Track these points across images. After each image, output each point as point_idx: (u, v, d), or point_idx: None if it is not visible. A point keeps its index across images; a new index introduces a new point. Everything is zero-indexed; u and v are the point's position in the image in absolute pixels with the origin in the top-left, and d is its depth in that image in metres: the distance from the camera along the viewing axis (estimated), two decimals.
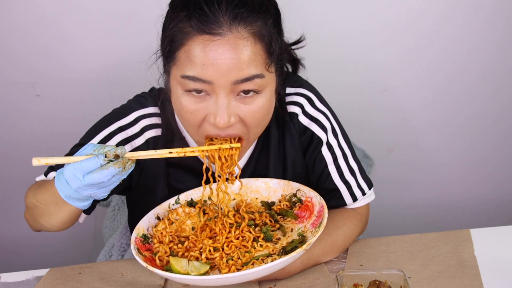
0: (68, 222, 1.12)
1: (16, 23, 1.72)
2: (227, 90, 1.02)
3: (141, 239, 1.07)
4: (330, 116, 1.26)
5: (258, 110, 1.06)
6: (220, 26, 0.99)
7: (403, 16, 1.84)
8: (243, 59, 1.00)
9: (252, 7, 1.02)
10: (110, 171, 0.94)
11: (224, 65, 0.99)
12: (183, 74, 1.02)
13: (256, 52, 1.02)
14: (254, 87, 1.03)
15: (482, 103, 1.97)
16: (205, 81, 1.01)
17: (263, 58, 1.03)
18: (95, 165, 0.94)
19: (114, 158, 0.96)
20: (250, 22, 1.01)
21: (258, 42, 1.02)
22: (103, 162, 0.94)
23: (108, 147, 0.96)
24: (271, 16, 1.06)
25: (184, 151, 1.02)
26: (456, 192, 2.10)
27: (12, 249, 2.01)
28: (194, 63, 1.00)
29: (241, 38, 1.00)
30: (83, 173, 0.95)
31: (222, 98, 1.02)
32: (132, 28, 1.75)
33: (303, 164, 1.26)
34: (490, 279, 1.07)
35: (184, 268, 0.99)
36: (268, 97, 1.07)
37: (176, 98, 1.07)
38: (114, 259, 1.49)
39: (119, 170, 0.95)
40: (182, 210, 1.16)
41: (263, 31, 1.03)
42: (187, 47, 1.01)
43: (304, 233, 1.08)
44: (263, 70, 1.03)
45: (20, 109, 1.82)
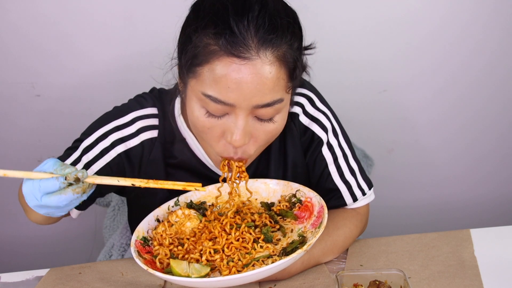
0: (49, 221, 1.13)
1: (16, 24, 1.72)
2: (247, 112, 1.00)
3: (141, 242, 1.07)
4: (330, 116, 1.26)
5: (272, 130, 1.06)
6: (248, 50, 0.96)
7: (403, 17, 1.84)
8: (267, 85, 0.98)
9: (281, 31, 0.99)
10: (68, 196, 0.93)
11: (248, 89, 0.97)
12: (205, 93, 0.99)
13: (279, 77, 1.00)
14: (272, 112, 1.02)
15: (482, 103, 1.97)
16: (227, 103, 0.99)
17: (285, 81, 1.01)
18: (54, 187, 0.93)
19: (74, 182, 0.93)
20: (277, 46, 0.98)
21: (282, 66, 1.00)
22: (62, 185, 0.93)
23: (69, 169, 0.94)
24: (297, 38, 1.03)
25: (148, 184, 1.00)
26: (456, 192, 2.10)
27: (12, 249, 2.01)
28: (218, 84, 0.97)
29: (268, 63, 0.97)
30: (41, 193, 0.94)
31: (241, 119, 1.00)
32: (132, 29, 1.75)
33: (303, 164, 1.26)
34: (490, 279, 1.07)
35: (184, 271, 0.99)
36: (283, 117, 1.07)
37: (192, 111, 1.05)
38: (114, 259, 1.49)
39: (78, 196, 0.94)
40: (182, 212, 1.16)
41: (287, 55, 1.00)
42: (212, 66, 0.98)
43: (304, 233, 1.08)
44: (283, 94, 1.02)
45: (20, 109, 1.82)
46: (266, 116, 1.03)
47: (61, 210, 0.98)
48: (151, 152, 1.20)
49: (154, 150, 1.20)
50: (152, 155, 1.20)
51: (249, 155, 1.08)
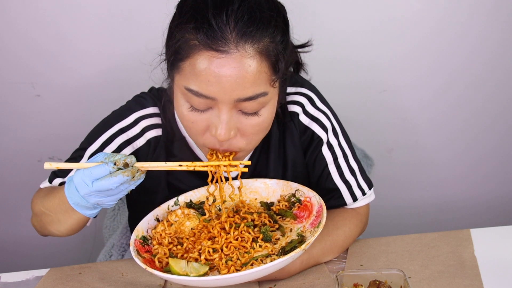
0: (76, 229, 1.13)
1: (16, 24, 1.72)
2: (230, 105, 1.01)
3: (140, 241, 1.07)
4: (330, 116, 1.26)
5: (258, 124, 1.06)
6: (227, 43, 0.97)
7: (403, 17, 1.84)
8: (247, 78, 0.98)
9: (261, 24, 1.00)
10: (118, 178, 0.95)
11: (228, 83, 0.98)
12: (187, 87, 1.01)
13: (261, 70, 1.00)
14: (257, 105, 1.02)
15: (482, 103, 1.97)
16: (208, 97, 1.00)
17: (267, 75, 1.01)
18: (104, 172, 0.95)
19: (124, 167, 0.96)
20: (257, 39, 0.99)
21: (264, 60, 1.00)
22: (112, 169, 0.95)
23: (119, 156, 0.96)
24: (280, 31, 1.03)
25: (194, 165, 1.03)
26: (456, 192, 2.10)
27: (12, 249, 2.01)
28: (198, 78, 0.99)
29: (247, 56, 0.98)
30: (92, 179, 0.96)
31: (224, 113, 1.01)
32: (131, 29, 1.75)
33: (303, 163, 1.26)
34: (490, 279, 1.07)
35: (183, 269, 0.99)
36: (270, 110, 1.07)
37: (178, 105, 1.07)
38: (114, 259, 1.49)
39: (127, 178, 0.95)
40: (181, 212, 1.16)
41: (269, 48, 1.00)
42: (192, 60, 0.99)
43: (303, 233, 1.08)
44: (267, 88, 1.02)
45: (20, 110, 1.82)
46: (251, 109, 1.03)
47: (112, 197, 0.99)
48: (155, 151, 1.21)
49: (158, 149, 1.21)
50: (156, 154, 1.21)
51: (238, 148, 1.08)
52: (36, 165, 1.87)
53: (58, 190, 1.08)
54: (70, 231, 1.13)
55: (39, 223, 1.17)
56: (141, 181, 0.99)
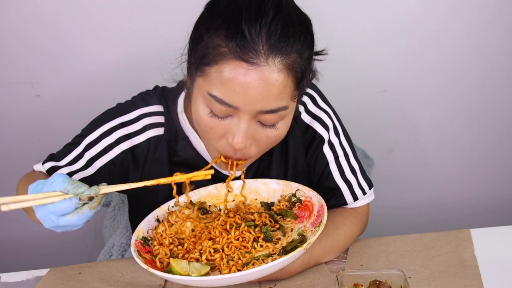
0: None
1: (16, 23, 1.72)
2: (250, 116, 1.01)
3: (141, 242, 1.07)
4: (332, 115, 1.26)
5: (274, 136, 1.06)
6: (258, 56, 0.96)
7: (403, 17, 1.84)
8: (273, 92, 0.98)
9: (292, 39, 0.99)
10: (85, 214, 0.93)
11: (253, 94, 0.97)
12: (211, 93, 1.00)
13: (286, 85, 1.00)
14: (276, 118, 1.03)
15: (482, 104, 1.97)
16: (231, 105, 0.99)
17: (291, 89, 1.01)
18: (69, 208, 0.92)
19: (88, 200, 0.93)
20: (287, 54, 0.98)
21: (290, 75, 1.00)
22: (78, 205, 0.93)
23: (81, 189, 0.93)
24: (308, 47, 1.03)
25: (157, 182, 1.00)
26: (456, 192, 2.10)
27: (12, 249, 2.01)
28: (224, 85, 0.98)
29: (275, 71, 0.97)
30: (57, 215, 0.93)
31: (244, 122, 1.01)
32: (132, 28, 1.75)
33: (304, 162, 1.26)
34: (490, 279, 1.07)
35: (184, 270, 0.99)
36: (287, 124, 1.07)
37: (197, 109, 1.05)
38: (114, 259, 1.49)
39: (96, 210, 0.94)
40: (182, 212, 1.16)
41: (296, 63, 1.00)
42: (220, 68, 0.98)
43: (304, 232, 1.08)
44: (288, 102, 1.02)
45: (20, 109, 1.82)
46: (270, 122, 1.03)
47: (79, 223, 0.96)
48: (156, 150, 1.20)
49: (159, 148, 1.20)
50: (158, 153, 1.20)
51: (249, 156, 1.08)
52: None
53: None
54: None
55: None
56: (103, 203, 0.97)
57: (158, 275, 0.96)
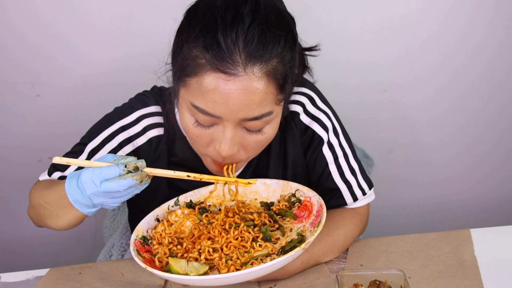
0: (74, 224, 1.12)
1: (16, 24, 1.72)
2: (234, 124, 1.02)
3: (140, 241, 1.07)
4: (331, 116, 1.26)
5: (261, 140, 1.07)
6: (235, 66, 0.96)
7: (404, 17, 1.84)
8: (254, 100, 0.98)
9: (271, 45, 0.98)
10: (127, 181, 0.94)
11: (234, 104, 0.98)
12: (193, 103, 1.01)
13: (268, 91, 0.99)
14: (261, 124, 1.03)
15: (482, 103, 1.97)
16: (213, 115, 1.00)
17: (274, 95, 1.01)
18: (114, 173, 0.94)
19: (134, 170, 0.96)
20: (266, 61, 0.98)
21: (271, 81, 0.99)
22: (122, 172, 0.94)
23: (129, 158, 0.96)
24: (288, 51, 1.02)
25: (202, 177, 1.03)
26: (456, 192, 2.10)
27: (12, 249, 2.01)
28: (205, 96, 0.98)
29: (255, 79, 0.97)
30: (101, 179, 0.95)
31: (228, 130, 1.02)
32: (132, 28, 1.75)
33: (303, 163, 1.26)
34: (490, 279, 1.07)
35: (183, 269, 0.99)
36: (274, 127, 1.08)
37: (183, 118, 1.07)
38: (114, 259, 1.49)
39: (136, 182, 0.95)
40: (181, 212, 1.16)
41: (277, 69, 0.99)
42: (200, 79, 0.98)
43: (303, 232, 1.08)
44: (272, 107, 1.02)
45: (20, 109, 1.82)
46: (255, 128, 1.04)
47: (117, 199, 0.98)
48: (156, 149, 1.21)
49: (159, 147, 1.21)
50: (157, 152, 1.21)
51: (239, 160, 1.09)
52: (36, 165, 1.87)
53: (58, 185, 1.07)
54: (68, 226, 1.12)
55: (36, 215, 1.16)
56: (146, 186, 0.99)
57: (157, 274, 0.96)
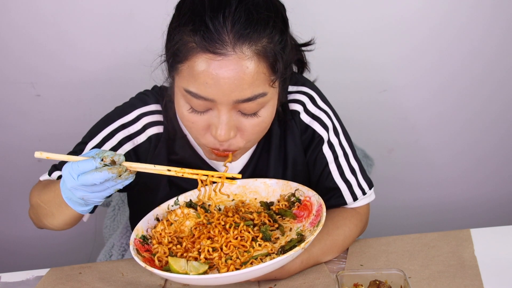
0: (70, 224, 1.13)
1: (16, 23, 1.72)
2: (229, 107, 1.01)
3: (140, 240, 1.07)
4: (331, 115, 1.26)
5: (258, 124, 1.06)
6: (224, 46, 0.97)
7: (403, 17, 1.84)
8: (245, 80, 0.98)
9: (259, 25, 0.99)
10: (103, 174, 0.94)
11: (226, 85, 0.98)
12: (186, 88, 1.02)
13: (259, 71, 1.00)
14: (256, 106, 1.03)
15: (483, 103, 1.97)
16: (207, 99, 1.00)
17: (266, 76, 1.02)
18: (90, 166, 0.95)
19: (111, 164, 0.96)
20: (255, 40, 0.99)
21: (262, 61, 1.00)
22: (99, 165, 0.95)
23: (108, 153, 0.97)
24: (278, 31, 1.03)
25: (183, 171, 1.03)
26: (456, 192, 2.10)
27: (12, 249, 2.01)
28: (196, 80, 0.99)
29: (245, 58, 0.98)
30: (78, 173, 0.96)
31: (223, 114, 1.02)
32: (132, 29, 1.75)
33: (303, 162, 1.26)
34: (490, 279, 1.07)
35: (182, 268, 0.99)
36: (270, 110, 1.07)
37: (178, 106, 1.08)
38: (114, 259, 1.49)
39: (113, 176, 0.95)
40: (181, 211, 1.16)
41: (267, 49, 1.00)
42: (191, 63, 1.00)
43: (302, 232, 1.08)
44: (266, 88, 1.02)
45: (20, 109, 1.82)
46: (250, 110, 1.04)
47: (97, 193, 0.98)
48: (156, 147, 1.21)
49: (159, 146, 1.21)
50: (157, 151, 1.21)
51: (237, 147, 1.09)
52: (37, 165, 1.86)
53: (55, 184, 1.08)
54: (64, 225, 1.13)
55: (35, 215, 1.17)
56: (129, 182, 0.99)
57: (156, 274, 0.96)
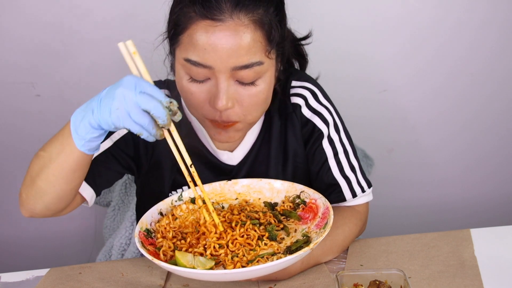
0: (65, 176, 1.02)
1: (16, 23, 1.72)
2: (227, 75, 1.05)
3: (144, 233, 1.06)
4: (333, 112, 1.28)
5: (256, 95, 1.09)
6: (222, 13, 1.02)
7: (403, 16, 1.84)
8: (242, 46, 1.03)
9: None
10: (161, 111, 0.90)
11: (224, 50, 1.02)
12: (186, 57, 1.05)
13: (255, 39, 1.04)
14: (253, 75, 1.06)
15: (482, 103, 1.97)
16: (205, 66, 1.04)
17: (262, 45, 1.06)
18: (159, 95, 0.90)
19: (170, 109, 0.91)
20: (251, 9, 1.04)
21: (258, 29, 1.05)
22: (165, 102, 0.91)
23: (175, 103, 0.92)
24: (273, 4, 1.08)
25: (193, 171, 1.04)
26: (456, 192, 2.10)
27: (12, 249, 2.01)
28: (196, 47, 1.03)
29: (242, 25, 1.03)
30: (142, 90, 0.90)
31: (221, 82, 1.05)
32: (132, 28, 1.75)
33: (303, 155, 1.28)
34: (490, 279, 1.07)
35: (190, 263, 0.97)
36: (267, 82, 1.10)
37: (178, 79, 1.11)
38: (114, 260, 1.49)
39: (163, 122, 0.91)
40: (186, 207, 1.15)
41: (263, 18, 1.05)
42: (190, 31, 1.04)
43: (308, 233, 1.07)
44: (262, 57, 1.06)
45: (20, 109, 1.82)
46: (247, 79, 1.06)
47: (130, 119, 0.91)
48: None
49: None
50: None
51: (237, 118, 1.10)
52: None
53: (65, 128, 1.04)
54: (58, 177, 1.03)
55: (30, 180, 1.06)
56: (157, 136, 0.94)
57: (163, 267, 0.94)
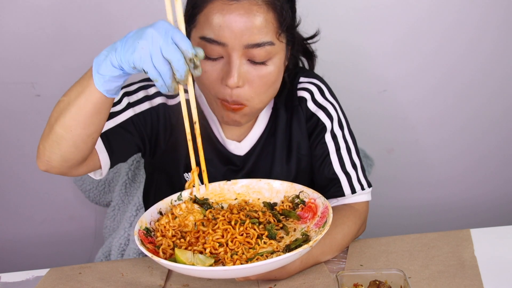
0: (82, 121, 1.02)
1: (16, 23, 1.72)
2: (239, 52, 1.09)
3: (144, 232, 1.07)
4: (338, 108, 1.31)
5: (266, 76, 1.13)
6: None
7: (403, 16, 1.84)
8: (255, 24, 1.08)
9: None
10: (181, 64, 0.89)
11: (237, 28, 1.07)
12: (201, 35, 1.10)
13: (268, 20, 1.09)
14: (264, 54, 1.10)
15: (482, 103, 1.97)
16: (220, 43, 1.08)
17: (274, 26, 1.11)
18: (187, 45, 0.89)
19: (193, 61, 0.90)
20: None
21: (270, 10, 1.10)
22: (191, 52, 0.89)
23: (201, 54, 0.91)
24: None
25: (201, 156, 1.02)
26: (456, 192, 2.10)
27: (12, 249, 2.01)
28: (211, 25, 1.08)
29: (255, 4, 1.08)
30: (172, 36, 0.89)
31: (234, 59, 1.09)
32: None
33: (307, 147, 1.30)
34: (490, 279, 1.07)
35: (189, 260, 0.98)
36: (277, 65, 1.14)
37: None
38: (114, 260, 1.49)
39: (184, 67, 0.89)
40: (186, 206, 1.15)
41: (276, 2, 1.11)
42: (206, 10, 1.09)
43: (307, 232, 1.08)
44: (273, 38, 1.11)
45: (20, 109, 1.82)
46: (259, 58, 1.11)
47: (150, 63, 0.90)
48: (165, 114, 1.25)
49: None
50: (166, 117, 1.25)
51: (246, 99, 1.13)
52: (36, 165, 1.86)
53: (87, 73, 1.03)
54: (75, 129, 1.04)
55: (46, 131, 1.13)
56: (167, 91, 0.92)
57: (162, 264, 0.94)
